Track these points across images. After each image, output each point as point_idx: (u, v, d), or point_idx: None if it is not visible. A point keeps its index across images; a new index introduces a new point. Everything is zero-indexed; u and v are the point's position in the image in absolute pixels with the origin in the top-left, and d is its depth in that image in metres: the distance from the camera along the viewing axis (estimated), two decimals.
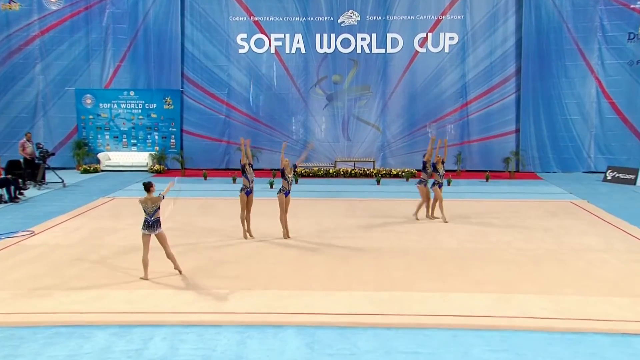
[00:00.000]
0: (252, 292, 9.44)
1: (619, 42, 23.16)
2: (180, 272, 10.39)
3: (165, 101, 24.69)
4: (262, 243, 12.66)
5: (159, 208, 10.20)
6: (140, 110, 24.87)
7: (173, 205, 11.77)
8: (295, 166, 13.37)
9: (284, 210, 13.00)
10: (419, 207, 14.91)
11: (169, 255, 10.33)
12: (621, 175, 21.18)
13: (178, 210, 15.70)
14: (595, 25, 23.25)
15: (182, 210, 15.73)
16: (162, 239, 10.26)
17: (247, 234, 13.09)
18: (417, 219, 14.73)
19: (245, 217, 13.07)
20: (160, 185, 11.27)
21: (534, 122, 23.90)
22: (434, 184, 14.77)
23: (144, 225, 10.15)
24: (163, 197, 10.25)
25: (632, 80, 23.23)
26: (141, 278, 10.08)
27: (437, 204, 14.74)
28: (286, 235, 13.00)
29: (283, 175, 12.97)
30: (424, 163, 14.97)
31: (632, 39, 23.09)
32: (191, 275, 10.37)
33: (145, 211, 10.13)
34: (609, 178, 21.46)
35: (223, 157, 24.99)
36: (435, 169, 14.81)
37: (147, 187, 10.28)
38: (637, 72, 23.15)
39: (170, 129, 24.85)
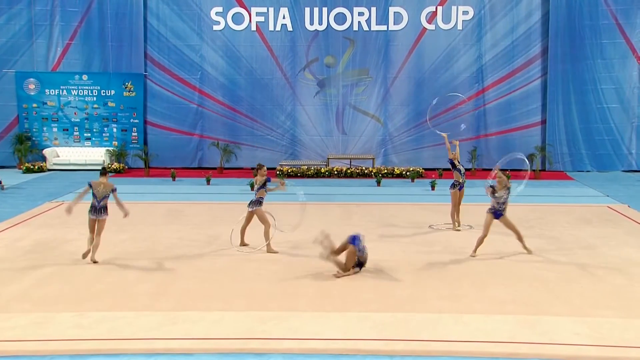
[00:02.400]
0: (229, 314, 9.37)
1: None
2: (94, 262, 11.85)
3: (126, 87, 24.61)
4: (241, 256, 12.60)
5: (107, 196, 11.97)
6: (95, 98, 24.77)
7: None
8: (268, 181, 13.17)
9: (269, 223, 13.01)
10: (453, 215, 14.92)
11: (96, 243, 11.89)
12: None
13: (140, 216, 15.65)
14: None
15: (145, 217, 15.66)
16: (100, 226, 11.95)
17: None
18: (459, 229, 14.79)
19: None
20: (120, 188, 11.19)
21: (564, 112, 23.99)
22: (452, 186, 14.81)
23: (90, 210, 11.91)
24: (115, 190, 12.03)
25: None
26: (83, 255, 11.84)
27: (452, 209, 14.79)
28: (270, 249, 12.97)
29: (264, 185, 12.99)
30: (452, 162, 14.99)
31: None
32: (155, 294, 10.30)
33: (94, 195, 11.85)
34: None
35: (195, 153, 24.94)
36: (454, 167, 14.82)
37: (104, 172, 12.19)
38: None
39: (131, 120, 24.78)
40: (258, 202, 13.01)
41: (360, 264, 11.37)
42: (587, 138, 24.07)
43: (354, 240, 11.32)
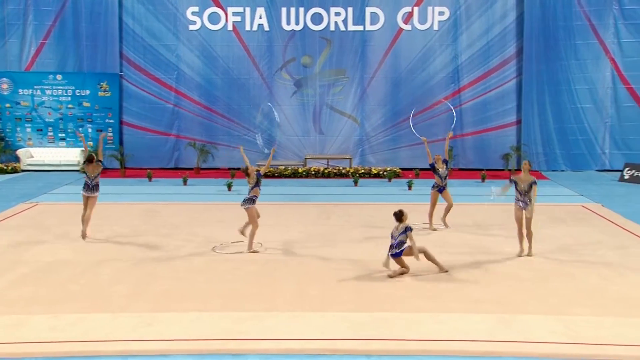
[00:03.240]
0: (206, 315, 9.33)
1: (638, 17, 23.62)
2: (83, 237, 13.48)
3: (101, 87, 24.39)
4: (217, 256, 12.55)
5: (99, 174, 13.72)
6: (69, 98, 24.52)
7: None
8: (259, 176, 13.14)
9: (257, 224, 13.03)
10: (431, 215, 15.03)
11: (87, 217, 13.61)
12: None
13: (116, 217, 15.54)
14: None
15: (121, 218, 15.54)
16: (92, 202, 13.67)
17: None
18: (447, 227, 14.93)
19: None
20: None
21: (539, 112, 24.19)
22: (432, 186, 14.93)
23: (83, 187, 13.71)
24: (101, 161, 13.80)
25: None
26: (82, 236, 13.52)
27: (430, 209, 14.94)
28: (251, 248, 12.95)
29: (258, 183, 13.01)
30: (432, 165, 15.07)
31: None
32: (131, 295, 10.22)
33: (87, 174, 13.61)
34: (626, 177, 21.80)
35: (171, 154, 24.80)
36: (434, 170, 14.87)
37: (90, 160, 13.71)
38: None
39: (106, 120, 24.56)
40: (251, 200, 12.94)
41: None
42: (562, 138, 24.28)
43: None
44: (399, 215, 11.36)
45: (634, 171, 21.74)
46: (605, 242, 13.59)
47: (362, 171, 23.09)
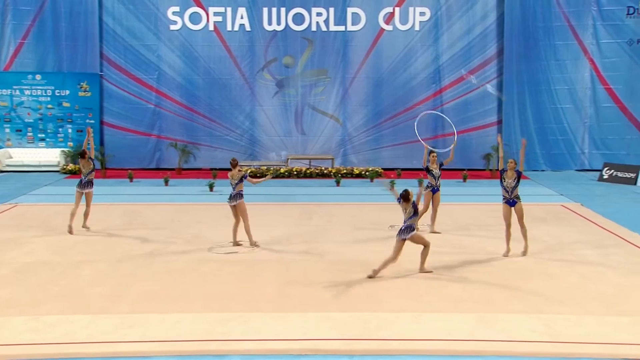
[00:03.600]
0: (188, 316, 9.31)
1: (617, 18, 23.81)
2: (87, 228, 14.42)
3: (81, 87, 24.22)
4: (199, 257, 12.51)
5: (92, 171, 14.32)
6: (49, 98, 24.32)
7: None
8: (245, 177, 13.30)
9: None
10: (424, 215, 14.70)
11: (87, 212, 14.44)
12: (619, 174, 21.74)
13: (97, 218, 15.44)
14: None
15: (101, 219, 15.45)
16: (88, 198, 14.42)
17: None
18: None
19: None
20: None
21: (519, 112, 24.33)
22: (426, 187, 14.74)
23: (78, 184, 14.34)
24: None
25: (631, 63, 23.92)
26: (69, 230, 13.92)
27: (424, 209, 14.58)
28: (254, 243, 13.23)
29: (242, 179, 13.17)
30: (427, 168, 14.85)
31: (631, 14, 23.76)
32: (112, 296, 10.17)
33: (82, 171, 14.30)
34: (605, 177, 22.00)
35: (152, 154, 24.66)
36: (429, 171, 14.68)
37: (83, 154, 14.52)
38: (637, 53, 23.85)
39: (87, 120, 24.36)
40: (240, 195, 13.10)
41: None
42: (542, 138, 24.45)
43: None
44: (406, 196, 11.11)
45: (613, 171, 21.96)
46: (585, 242, 13.71)
47: (344, 171, 23.11)
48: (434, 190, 14.64)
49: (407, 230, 11.14)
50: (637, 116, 24.05)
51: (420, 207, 12.94)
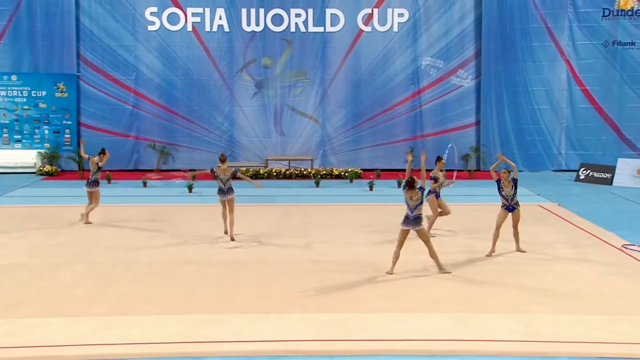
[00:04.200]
0: (166, 318, 9.28)
1: (593, 20, 24.09)
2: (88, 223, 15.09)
3: (58, 88, 24.03)
4: (178, 258, 12.47)
5: (99, 169, 15.37)
6: (25, 99, 24.10)
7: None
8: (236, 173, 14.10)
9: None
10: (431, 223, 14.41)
11: (92, 207, 15.20)
12: (596, 174, 22.00)
13: (74, 220, 15.36)
14: (565, 0, 24.07)
15: (79, 221, 15.37)
16: (96, 196, 15.34)
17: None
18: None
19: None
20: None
21: (497, 113, 24.53)
22: (428, 193, 14.33)
23: (85, 183, 15.54)
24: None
25: (607, 64, 24.22)
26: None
27: (434, 215, 14.45)
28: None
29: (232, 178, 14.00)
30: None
31: (607, 15, 24.06)
32: (90, 298, 10.11)
33: (91, 169, 15.25)
34: (582, 177, 22.24)
35: (130, 155, 24.54)
36: (434, 179, 14.54)
37: (100, 152, 15.83)
38: (612, 55, 24.16)
39: (64, 121, 24.22)
40: (232, 189, 13.97)
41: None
42: (519, 139, 24.64)
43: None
44: (412, 183, 10.92)
45: (588, 171, 22.21)
46: (562, 241, 13.86)
47: (324, 172, 23.15)
48: (437, 195, 14.53)
49: (416, 221, 11.12)
50: (612, 117, 24.35)
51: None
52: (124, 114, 24.40)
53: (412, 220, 11.13)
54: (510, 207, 12.82)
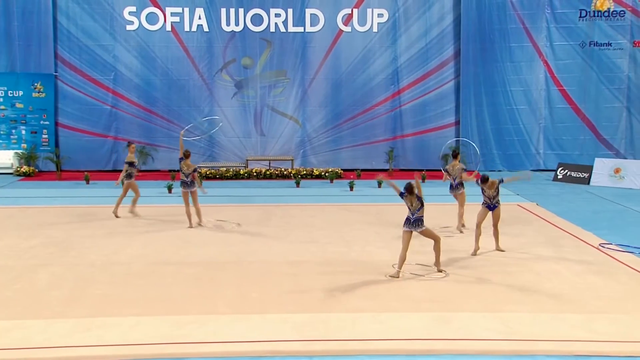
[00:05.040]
0: (146, 319, 9.23)
1: (570, 21, 24.34)
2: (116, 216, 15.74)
3: (35, 88, 23.84)
4: (158, 259, 12.41)
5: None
6: (2, 99, 23.92)
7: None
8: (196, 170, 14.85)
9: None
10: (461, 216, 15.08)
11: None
12: (573, 174, 22.21)
13: (52, 221, 15.24)
14: (542, 0, 24.28)
15: (57, 222, 15.25)
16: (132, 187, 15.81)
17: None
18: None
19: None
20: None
21: (476, 113, 24.68)
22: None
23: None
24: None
25: (584, 65, 24.47)
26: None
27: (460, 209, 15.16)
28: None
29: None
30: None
31: (583, 16, 24.31)
32: (68, 300, 10.03)
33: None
34: (560, 177, 22.45)
35: (109, 156, 24.39)
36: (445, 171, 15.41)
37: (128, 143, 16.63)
38: (589, 55, 24.41)
39: (41, 122, 24.02)
40: (194, 183, 14.94)
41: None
42: (498, 138, 24.83)
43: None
44: (410, 189, 11.12)
45: (566, 171, 22.44)
46: (540, 240, 13.97)
47: (304, 172, 23.16)
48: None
49: (417, 223, 11.29)
50: (589, 117, 24.61)
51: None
52: (103, 114, 24.24)
53: (413, 222, 11.29)
54: (492, 205, 12.88)
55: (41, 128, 24.03)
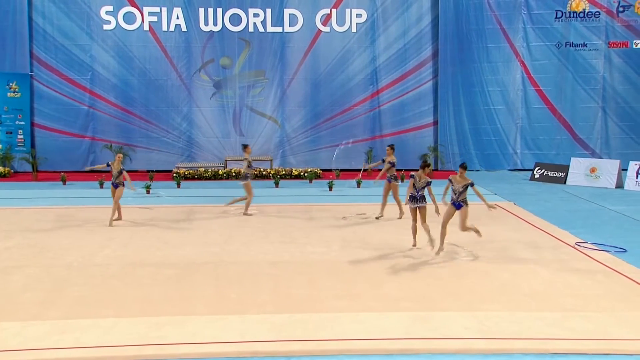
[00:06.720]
0: (123, 321, 9.16)
1: (546, 22, 24.57)
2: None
3: (10, 87, 23.60)
4: (135, 260, 12.33)
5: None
6: None
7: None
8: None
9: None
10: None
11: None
12: (550, 173, 22.40)
13: (28, 222, 15.09)
14: (519, 1, 24.48)
15: (33, 223, 15.10)
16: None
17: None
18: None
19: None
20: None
21: (454, 113, 24.83)
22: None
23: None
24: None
25: (560, 65, 24.71)
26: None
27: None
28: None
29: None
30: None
31: (559, 17, 24.56)
32: (44, 302, 9.93)
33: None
34: (537, 176, 22.63)
35: (86, 156, 24.22)
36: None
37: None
38: (565, 56, 24.64)
39: (17, 122, 23.78)
40: (122, 183, 15.51)
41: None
42: (476, 138, 25.00)
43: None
44: (425, 165, 12.83)
45: (543, 170, 22.62)
46: (517, 239, 14.05)
47: (283, 172, 23.15)
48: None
49: (422, 200, 12.88)
50: (565, 117, 24.85)
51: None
52: (80, 115, 24.06)
53: (419, 199, 12.86)
54: (457, 203, 12.83)
55: (17, 128, 23.79)
